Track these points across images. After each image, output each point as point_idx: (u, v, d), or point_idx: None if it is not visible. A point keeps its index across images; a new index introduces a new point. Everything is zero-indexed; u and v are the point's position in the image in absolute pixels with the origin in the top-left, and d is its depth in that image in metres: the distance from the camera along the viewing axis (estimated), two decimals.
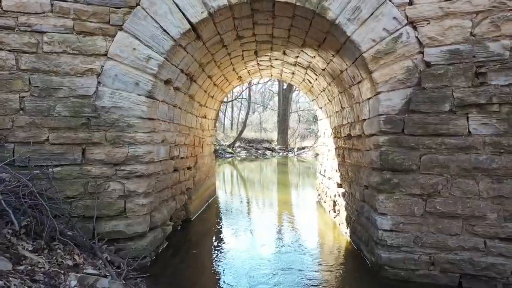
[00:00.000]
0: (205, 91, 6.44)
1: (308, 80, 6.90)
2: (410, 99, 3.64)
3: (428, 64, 3.61)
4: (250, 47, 5.62)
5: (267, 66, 7.20)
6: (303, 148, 27.61)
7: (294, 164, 20.12)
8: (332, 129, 6.64)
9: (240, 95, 32.31)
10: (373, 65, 3.77)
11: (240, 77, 7.72)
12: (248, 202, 8.49)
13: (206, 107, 7.15)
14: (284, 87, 29.13)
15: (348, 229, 5.12)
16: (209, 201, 7.85)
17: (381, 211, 3.70)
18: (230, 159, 22.20)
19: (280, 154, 25.82)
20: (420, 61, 3.65)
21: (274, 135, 31.62)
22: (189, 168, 6.09)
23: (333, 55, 4.68)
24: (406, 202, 3.64)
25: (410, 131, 3.64)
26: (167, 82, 4.36)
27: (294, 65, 6.50)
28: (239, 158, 22.79)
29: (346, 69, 4.56)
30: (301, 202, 8.61)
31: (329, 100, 6.43)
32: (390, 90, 3.74)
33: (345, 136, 5.52)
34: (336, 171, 6.11)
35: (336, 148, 6.28)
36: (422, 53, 3.64)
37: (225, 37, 4.77)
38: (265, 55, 6.24)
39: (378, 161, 3.76)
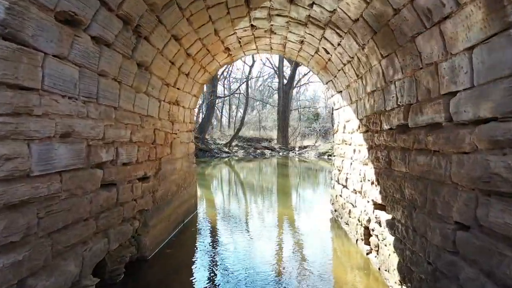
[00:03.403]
0: (172, 63, 4.30)
1: (325, 49, 4.77)
2: None
3: None
4: None
5: (265, 31, 5.07)
6: (305, 147, 25.53)
7: (296, 164, 17.99)
8: (361, 119, 4.51)
9: (237, 90, 30.28)
10: None
11: (228, 48, 5.58)
12: (239, 221, 6.34)
13: (178, 89, 5.00)
14: (284, 83, 27.02)
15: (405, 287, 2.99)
16: (185, 221, 5.70)
17: None
18: (226, 158, 20.12)
19: (280, 153, 23.73)
20: None
21: (273, 134, 29.51)
22: (144, 178, 3.96)
23: None
24: None
25: None
26: (68, 20, 2.24)
27: (305, 24, 4.37)
28: (236, 158, 20.70)
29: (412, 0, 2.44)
30: (311, 220, 6.46)
31: (357, 75, 4.30)
32: None
33: (391, 129, 3.40)
34: (373, 183, 3.97)
35: (370, 148, 4.14)
36: None
37: None
38: (262, 7, 4.12)
39: None
